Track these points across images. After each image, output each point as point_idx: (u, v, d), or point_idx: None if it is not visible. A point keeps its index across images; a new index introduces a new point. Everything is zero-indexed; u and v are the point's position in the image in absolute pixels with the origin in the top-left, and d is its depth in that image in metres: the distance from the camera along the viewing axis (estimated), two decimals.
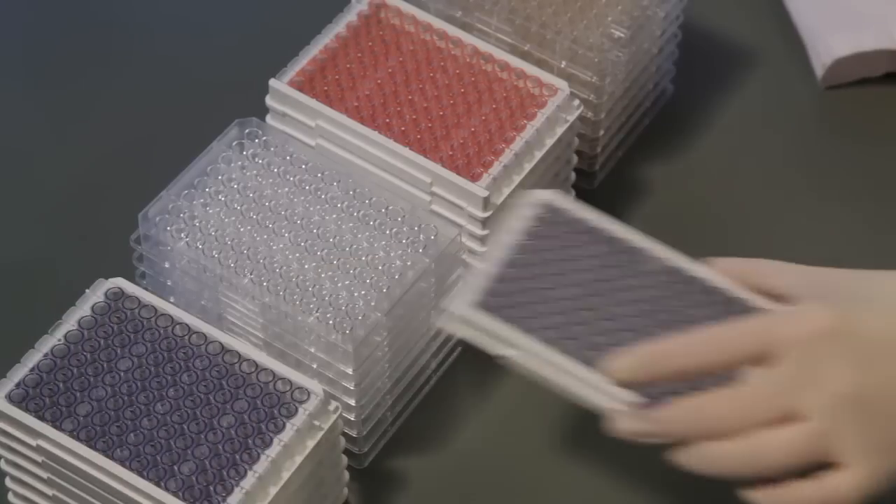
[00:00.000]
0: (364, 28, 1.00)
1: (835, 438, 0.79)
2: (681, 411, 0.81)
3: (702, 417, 0.80)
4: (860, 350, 0.79)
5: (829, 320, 0.79)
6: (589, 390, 0.83)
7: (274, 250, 0.91)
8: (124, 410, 0.86)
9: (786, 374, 0.79)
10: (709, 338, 0.81)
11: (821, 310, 0.80)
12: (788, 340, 0.79)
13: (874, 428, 0.79)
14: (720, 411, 0.80)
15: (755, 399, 0.80)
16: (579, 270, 0.86)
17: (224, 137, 0.95)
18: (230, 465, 0.84)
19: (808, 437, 0.79)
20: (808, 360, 0.79)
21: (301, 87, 0.97)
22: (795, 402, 0.79)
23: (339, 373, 0.90)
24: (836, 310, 0.80)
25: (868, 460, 0.79)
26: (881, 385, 0.79)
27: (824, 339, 0.79)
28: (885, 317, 0.80)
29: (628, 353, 0.81)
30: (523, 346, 0.83)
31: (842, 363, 0.79)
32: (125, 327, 0.89)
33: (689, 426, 0.81)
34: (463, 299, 0.84)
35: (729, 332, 0.81)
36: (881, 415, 0.79)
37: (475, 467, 0.94)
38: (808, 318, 0.80)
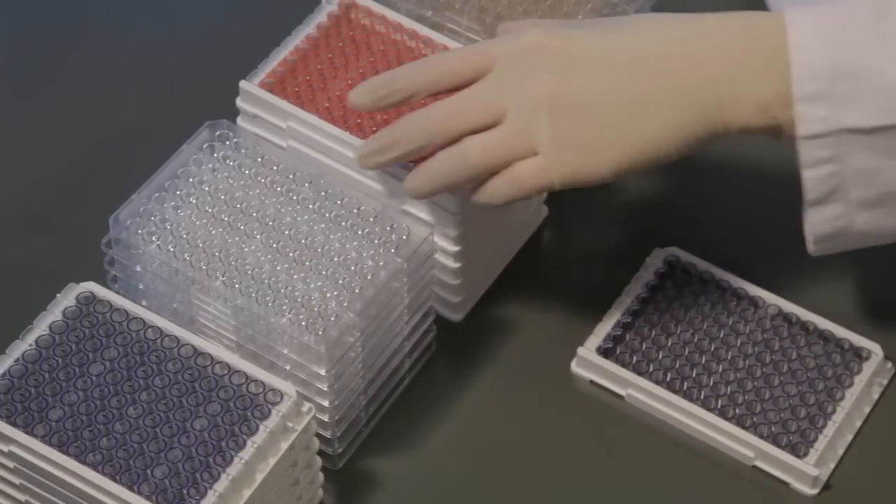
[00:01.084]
0: (334, 29, 1.00)
1: (530, 133, 0.88)
2: (403, 121, 0.91)
3: (423, 122, 0.90)
4: (561, 60, 0.89)
5: (537, 36, 0.89)
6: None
7: (246, 252, 0.91)
8: (97, 415, 0.86)
9: (494, 79, 0.90)
10: (435, 59, 0.91)
11: (532, 27, 0.90)
12: (501, 54, 0.90)
13: (563, 126, 0.88)
14: (435, 117, 0.90)
15: (469, 103, 0.89)
16: None
17: (195, 140, 0.95)
18: (203, 467, 0.84)
19: (505, 134, 0.89)
20: (515, 68, 0.89)
21: (272, 88, 0.97)
22: (502, 103, 0.89)
23: (313, 374, 0.90)
24: (549, 29, 0.90)
25: (554, 152, 0.88)
26: (575, 91, 0.88)
27: (531, 50, 0.89)
28: (595, 37, 0.89)
29: (365, 82, 0.92)
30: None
31: (543, 70, 0.88)
32: (97, 331, 0.88)
33: (410, 133, 0.90)
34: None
35: (452, 54, 0.91)
36: (571, 116, 0.88)
37: (450, 467, 0.94)
38: (519, 35, 0.90)
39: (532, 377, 0.97)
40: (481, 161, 0.89)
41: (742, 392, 0.94)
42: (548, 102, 0.88)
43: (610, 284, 0.99)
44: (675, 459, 0.94)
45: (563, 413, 0.96)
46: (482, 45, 0.91)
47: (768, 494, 0.93)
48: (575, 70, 0.88)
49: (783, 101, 0.87)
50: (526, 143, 0.88)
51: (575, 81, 0.88)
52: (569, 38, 0.89)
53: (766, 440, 0.92)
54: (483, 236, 0.98)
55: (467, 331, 0.99)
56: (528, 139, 0.88)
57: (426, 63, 0.91)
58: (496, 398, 0.96)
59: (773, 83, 0.87)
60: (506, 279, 1.01)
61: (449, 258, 0.96)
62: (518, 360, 0.98)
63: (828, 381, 0.94)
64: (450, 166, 0.90)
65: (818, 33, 0.86)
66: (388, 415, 0.96)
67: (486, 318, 1.00)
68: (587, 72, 0.88)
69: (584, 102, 0.88)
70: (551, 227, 1.03)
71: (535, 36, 0.89)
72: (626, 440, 0.95)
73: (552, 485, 0.93)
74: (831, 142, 0.87)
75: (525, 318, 0.99)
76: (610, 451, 0.95)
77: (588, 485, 0.93)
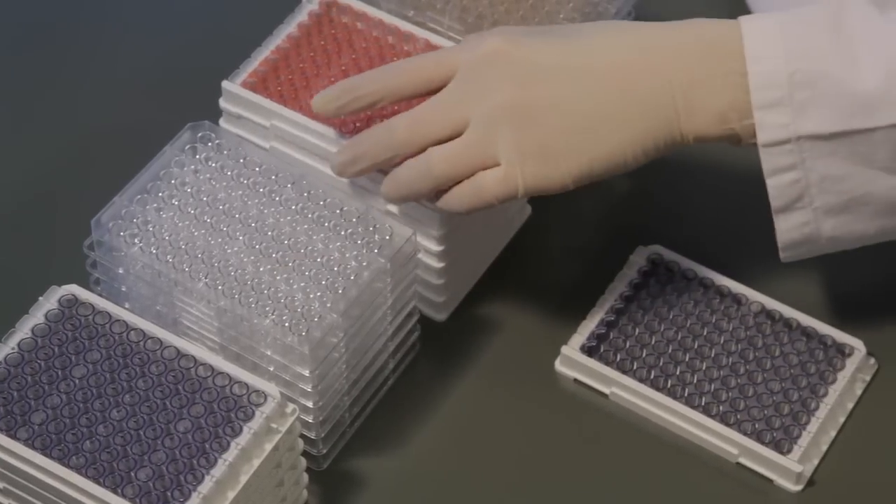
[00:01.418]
0: (316, 27, 1.00)
1: (491, 143, 0.89)
2: (370, 132, 0.92)
3: (388, 134, 0.91)
4: (520, 69, 0.89)
5: (497, 44, 0.90)
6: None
7: (228, 253, 0.91)
8: (80, 418, 0.85)
9: (456, 89, 0.90)
10: (397, 67, 0.92)
11: (493, 35, 0.90)
12: (462, 61, 0.90)
13: (524, 135, 0.88)
14: (401, 127, 0.90)
15: (431, 113, 0.90)
16: None
17: (177, 141, 0.95)
18: (187, 470, 0.84)
19: (466, 145, 0.89)
20: (476, 77, 0.90)
21: (254, 87, 0.97)
22: (463, 113, 0.89)
23: (296, 375, 0.90)
24: (509, 38, 0.90)
25: (516, 160, 0.89)
26: (534, 100, 0.88)
27: (491, 58, 0.89)
28: (554, 46, 0.90)
29: (329, 88, 0.93)
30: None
31: (503, 79, 0.89)
32: (79, 334, 0.88)
33: (377, 143, 0.91)
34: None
35: (415, 61, 0.92)
36: (531, 124, 0.88)
37: (435, 467, 0.94)
38: (480, 43, 0.90)
39: (516, 376, 0.97)
40: (444, 171, 0.90)
41: (726, 389, 0.94)
42: (508, 112, 0.88)
43: (593, 283, 0.99)
44: (660, 457, 0.94)
45: (548, 412, 0.96)
46: (444, 53, 0.92)
47: (753, 491, 0.93)
48: (534, 79, 0.89)
49: (740, 110, 0.87)
50: (487, 153, 0.89)
51: (534, 90, 0.88)
52: (528, 46, 0.89)
53: (749, 437, 0.92)
54: (466, 236, 0.98)
55: (451, 330, 0.99)
56: (489, 149, 0.89)
57: (389, 70, 0.92)
58: (481, 397, 0.96)
59: (730, 92, 0.87)
60: (489, 279, 1.01)
61: (432, 258, 0.96)
62: (502, 360, 0.98)
63: (811, 378, 0.94)
64: (414, 176, 0.91)
65: (775, 41, 0.87)
66: (373, 415, 0.96)
67: (471, 318, 1.00)
68: (546, 80, 0.89)
69: (544, 111, 0.88)
70: (534, 227, 1.03)
71: (495, 44, 0.90)
72: (611, 438, 0.95)
73: (537, 484, 0.93)
74: (792, 149, 0.87)
75: (509, 318, 0.99)
76: (594, 450, 0.95)
77: (573, 483, 0.93)
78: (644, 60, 0.88)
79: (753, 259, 1.00)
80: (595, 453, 0.94)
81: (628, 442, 0.95)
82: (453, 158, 0.89)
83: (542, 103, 0.88)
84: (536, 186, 0.89)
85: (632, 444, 0.95)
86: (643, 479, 0.93)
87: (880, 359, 0.97)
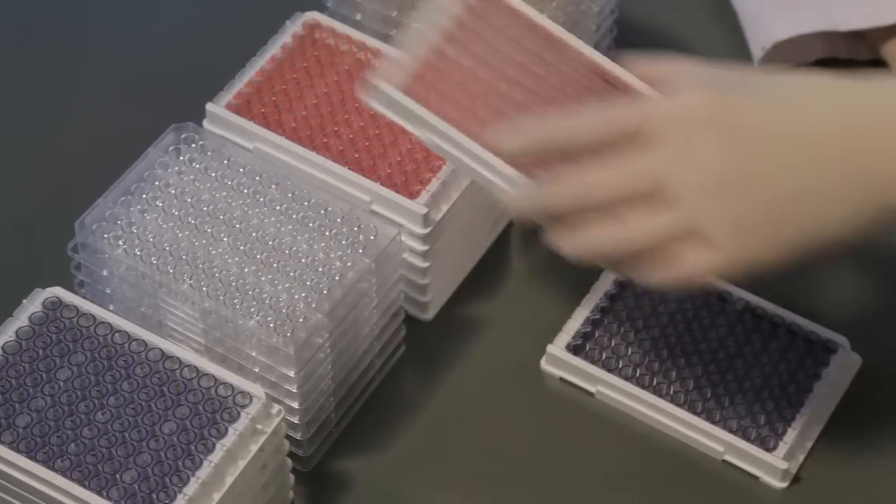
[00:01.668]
0: (299, 49, 1.00)
1: (701, 218, 0.81)
2: (561, 184, 0.83)
3: (580, 189, 0.83)
4: (735, 135, 0.80)
5: (708, 104, 0.81)
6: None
7: (213, 255, 0.91)
8: (64, 420, 0.85)
9: (661, 151, 0.81)
10: (591, 115, 0.84)
11: (701, 94, 0.82)
12: (667, 120, 0.81)
13: (739, 210, 0.80)
14: (595, 182, 0.82)
15: (630, 173, 0.82)
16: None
17: (160, 143, 0.95)
18: (173, 471, 0.84)
19: (671, 213, 0.81)
20: (683, 140, 0.81)
21: (238, 110, 0.98)
22: (666, 176, 0.81)
23: (282, 376, 0.89)
24: (716, 95, 0.81)
25: (730, 240, 0.80)
26: (752, 170, 0.80)
27: (702, 121, 0.81)
28: (767, 107, 0.81)
29: (514, 126, 0.84)
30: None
31: (715, 145, 0.80)
32: (64, 336, 0.88)
33: (568, 198, 0.83)
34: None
35: (611, 111, 0.83)
36: (747, 198, 0.80)
37: (421, 467, 0.94)
38: (687, 101, 0.82)
39: (502, 375, 0.97)
40: (645, 240, 0.82)
41: (711, 386, 0.94)
42: (718, 180, 0.80)
43: (579, 282, 0.99)
44: (646, 455, 0.94)
45: (534, 411, 0.96)
46: (646, 106, 0.84)
47: (738, 488, 0.93)
48: (746, 145, 0.80)
49: None
50: (696, 225, 0.81)
51: (747, 159, 0.80)
52: (736, 107, 0.81)
53: (735, 434, 0.92)
54: (451, 235, 0.98)
55: (437, 330, 0.99)
56: (695, 219, 0.81)
57: (581, 119, 0.84)
58: (467, 397, 0.96)
59: None
60: (475, 278, 1.01)
61: (417, 258, 0.96)
62: (488, 359, 0.98)
63: (796, 375, 0.95)
64: (607, 240, 0.83)
65: None
66: (359, 415, 0.96)
67: (456, 318, 1.00)
68: (760, 148, 0.80)
69: (758, 182, 0.80)
70: (520, 226, 1.03)
71: (697, 100, 0.81)
72: (597, 437, 0.95)
73: (523, 483, 0.93)
74: None
75: (495, 317, 1.00)
76: (581, 448, 0.95)
77: (559, 482, 0.93)
78: (870, 131, 0.80)
79: None
80: (581, 452, 0.94)
81: (614, 441, 0.95)
82: (656, 227, 0.81)
83: (754, 173, 0.80)
84: (746, 263, 0.81)
85: (618, 442, 0.95)
86: (629, 477, 0.94)
87: (865, 355, 0.97)
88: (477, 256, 1.02)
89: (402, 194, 0.95)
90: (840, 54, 1.10)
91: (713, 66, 0.85)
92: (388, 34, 1.03)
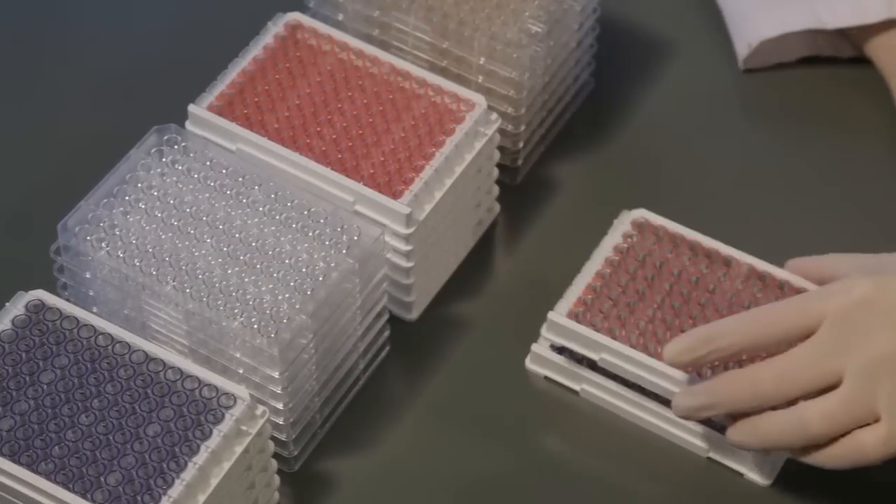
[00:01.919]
0: (281, 50, 1.00)
1: (871, 398, 0.84)
2: (730, 382, 0.87)
3: (753, 385, 0.86)
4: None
5: (868, 290, 0.85)
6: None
7: (196, 256, 0.91)
8: (48, 423, 0.85)
9: (827, 340, 0.85)
10: (758, 316, 0.87)
11: (861, 281, 0.86)
12: (831, 311, 0.86)
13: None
14: (767, 380, 0.86)
15: (799, 366, 0.85)
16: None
17: (143, 144, 0.94)
18: (157, 473, 0.84)
19: (844, 401, 0.84)
20: (847, 327, 0.85)
21: (220, 111, 0.97)
22: (838, 365, 0.85)
23: (266, 377, 0.89)
24: (876, 281, 0.86)
25: None
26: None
27: (863, 306, 0.85)
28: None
29: (684, 336, 0.87)
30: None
31: (879, 328, 0.85)
32: (47, 339, 0.88)
33: (739, 396, 0.87)
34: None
35: (777, 310, 0.87)
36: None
37: (407, 467, 0.94)
38: (849, 290, 0.86)
39: (487, 375, 0.97)
40: (821, 429, 0.85)
41: None
42: (889, 363, 0.84)
43: (563, 280, 0.99)
44: (631, 453, 0.94)
45: (519, 410, 0.96)
46: (808, 301, 0.87)
47: (723, 485, 0.93)
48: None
49: None
50: (867, 409, 0.85)
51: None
52: (893, 291, 0.85)
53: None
54: (435, 235, 0.98)
55: (421, 330, 0.99)
56: (869, 404, 0.84)
57: (747, 320, 0.87)
58: (452, 396, 0.96)
59: None
60: (459, 277, 1.01)
61: (401, 257, 0.96)
62: (473, 359, 0.98)
63: None
64: (785, 431, 0.86)
65: None
66: (344, 416, 0.95)
67: (441, 317, 1.00)
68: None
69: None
70: (504, 225, 1.03)
71: (866, 291, 0.85)
72: (582, 435, 0.95)
73: (509, 482, 0.93)
74: None
75: (479, 316, 0.99)
76: (566, 447, 0.95)
77: (545, 481, 0.93)
78: None
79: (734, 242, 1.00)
80: (566, 451, 0.94)
81: (599, 439, 0.95)
82: (831, 416, 0.85)
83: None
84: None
85: (603, 440, 0.95)
86: (614, 475, 0.94)
87: None
88: (461, 256, 1.02)
89: (385, 194, 0.95)
90: (824, 52, 1.10)
91: (864, 255, 0.90)
92: (370, 34, 1.03)
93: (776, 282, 0.95)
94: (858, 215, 1.04)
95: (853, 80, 1.09)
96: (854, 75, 1.09)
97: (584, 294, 0.95)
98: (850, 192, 1.05)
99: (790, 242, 0.99)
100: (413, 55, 1.02)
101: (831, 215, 1.03)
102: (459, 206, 0.99)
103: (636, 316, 0.94)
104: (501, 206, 1.03)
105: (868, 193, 1.04)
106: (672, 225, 0.97)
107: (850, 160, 1.06)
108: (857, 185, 1.05)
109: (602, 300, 0.95)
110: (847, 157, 1.06)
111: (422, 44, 1.02)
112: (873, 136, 1.07)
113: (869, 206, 1.04)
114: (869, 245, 0.94)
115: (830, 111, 1.08)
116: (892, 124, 1.07)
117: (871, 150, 1.06)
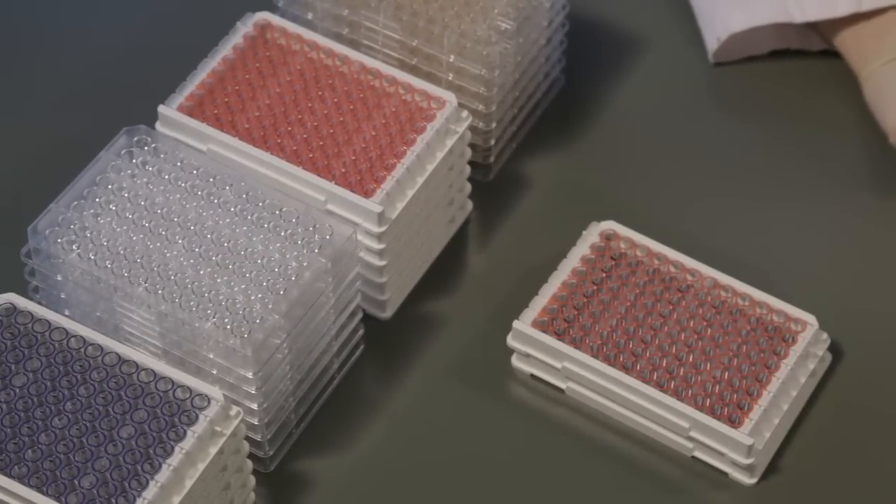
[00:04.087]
0: (250, 50, 1.00)
1: None
2: None
3: None
4: None
5: None
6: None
7: (168, 257, 0.90)
8: (21, 427, 0.85)
9: None
10: None
11: None
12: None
13: None
14: None
15: None
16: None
17: (113, 146, 0.94)
18: (132, 476, 0.84)
19: None
20: None
21: (190, 111, 0.97)
22: None
23: (240, 377, 0.89)
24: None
25: None
26: None
27: None
28: None
29: None
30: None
31: None
32: (19, 342, 0.87)
33: None
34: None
35: None
36: None
37: (383, 466, 0.94)
38: None
39: (462, 372, 0.97)
40: None
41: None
42: None
43: (537, 276, 0.99)
44: (616, 450, 0.94)
45: (495, 406, 0.96)
46: None
47: (708, 485, 0.93)
48: None
49: None
50: None
51: None
52: None
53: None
54: (408, 233, 0.98)
55: (396, 328, 0.99)
56: None
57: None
58: (427, 394, 0.96)
59: None
60: (433, 275, 1.01)
61: (374, 256, 0.96)
62: (447, 356, 0.98)
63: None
64: None
65: None
66: (319, 415, 0.95)
67: (415, 315, 0.99)
68: None
69: None
70: (477, 222, 1.03)
71: None
72: (565, 433, 0.95)
73: (488, 481, 0.93)
74: None
75: (453, 314, 0.99)
76: (548, 445, 0.94)
77: (528, 480, 0.93)
78: None
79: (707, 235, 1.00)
80: (550, 449, 0.94)
81: (583, 436, 0.95)
82: None
83: None
84: None
85: (587, 437, 0.95)
86: (599, 472, 0.93)
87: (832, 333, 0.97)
88: (434, 254, 1.02)
89: (357, 193, 0.95)
90: (792, 45, 1.11)
91: None
92: (339, 33, 1.03)
93: (738, 294, 0.96)
94: (829, 205, 1.04)
95: (823, 72, 1.09)
96: (823, 68, 1.10)
97: (549, 304, 0.95)
98: (820, 183, 1.05)
99: (761, 233, 0.99)
100: (383, 53, 1.02)
101: (802, 206, 1.04)
102: (432, 203, 0.99)
103: (600, 325, 0.95)
104: (474, 203, 1.03)
105: (838, 184, 1.05)
106: (639, 237, 0.98)
107: (821, 152, 1.06)
108: (827, 177, 1.05)
109: (567, 310, 0.96)
110: (817, 148, 1.07)
111: (391, 42, 1.02)
112: (843, 128, 1.07)
113: (839, 196, 1.04)
114: (839, 233, 0.95)
115: (800, 103, 1.09)
116: (861, 116, 1.07)
117: (841, 142, 1.07)
